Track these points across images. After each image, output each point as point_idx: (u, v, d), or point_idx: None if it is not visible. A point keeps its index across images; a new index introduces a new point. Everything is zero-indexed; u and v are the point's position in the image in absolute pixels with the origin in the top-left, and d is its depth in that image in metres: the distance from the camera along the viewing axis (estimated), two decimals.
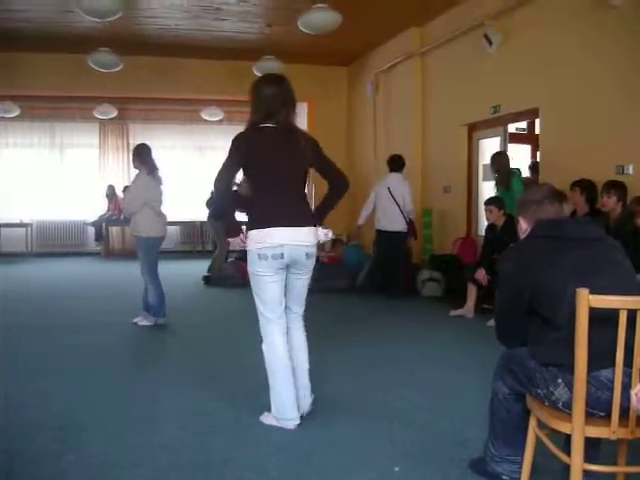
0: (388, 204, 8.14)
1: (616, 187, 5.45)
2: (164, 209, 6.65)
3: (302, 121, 13.76)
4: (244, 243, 3.59)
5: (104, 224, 13.86)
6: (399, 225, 8.22)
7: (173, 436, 3.47)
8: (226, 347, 5.71)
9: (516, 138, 9.03)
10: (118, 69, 9.91)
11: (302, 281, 3.72)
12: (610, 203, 5.42)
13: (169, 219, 6.60)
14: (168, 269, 10.85)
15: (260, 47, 10.41)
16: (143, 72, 11.20)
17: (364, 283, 8.81)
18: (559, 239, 2.51)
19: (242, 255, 10.33)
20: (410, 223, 8.35)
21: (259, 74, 10.34)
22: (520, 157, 8.91)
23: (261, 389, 3.77)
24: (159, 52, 10.97)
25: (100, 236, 14.00)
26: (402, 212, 8.16)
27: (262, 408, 3.72)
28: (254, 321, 3.73)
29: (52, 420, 3.70)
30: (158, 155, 13.34)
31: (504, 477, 2.81)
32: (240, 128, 3.96)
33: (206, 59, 11.44)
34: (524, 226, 2.72)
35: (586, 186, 5.78)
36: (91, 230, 14.09)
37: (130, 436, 3.47)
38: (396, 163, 8.34)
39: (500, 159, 7.25)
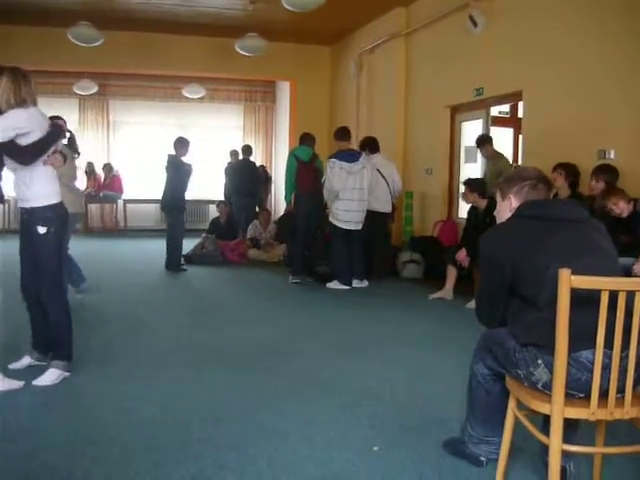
0: (378, 185, 8.00)
1: (605, 172, 5.40)
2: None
3: (285, 100, 13.70)
4: None
5: (83, 201, 13.70)
6: (387, 206, 8.15)
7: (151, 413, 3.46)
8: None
9: (499, 121, 9.05)
10: (99, 44, 9.78)
11: None
12: (598, 187, 5.37)
13: (148, 197, 6.47)
14: (148, 247, 10.85)
15: (243, 24, 10.31)
16: (124, 47, 11.05)
17: None
18: (544, 220, 2.49)
19: (222, 233, 10.32)
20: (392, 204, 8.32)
21: (242, 51, 10.27)
22: (503, 140, 8.93)
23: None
24: (141, 27, 10.82)
25: None
26: (391, 193, 8.10)
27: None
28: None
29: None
30: (138, 132, 13.26)
31: (482, 458, 2.82)
32: (222, 106, 3.94)
33: (189, 35, 11.30)
34: (514, 203, 2.69)
35: (569, 169, 5.79)
36: None
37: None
38: (376, 144, 8.22)
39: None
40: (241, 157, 11.57)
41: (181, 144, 8.69)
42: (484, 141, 7.73)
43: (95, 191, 13.51)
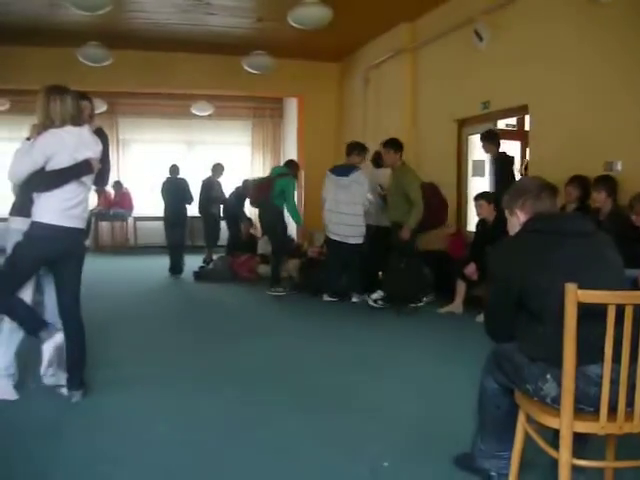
0: (376, 200, 8.04)
1: (605, 182, 5.49)
2: None
3: (293, 116, 13.76)
4: None
5: (93, 219, 13.77)
6: (386, 221, 8.16)
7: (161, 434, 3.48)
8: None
9: (505, 135, 9.05)
10: (107, 63, 9.86)
11: None
12: (600, 198, 5.45)
13: (156, 214, 6.41)
14: (157, 263, 10.87)
15: (250, 42, 10.36)
16: (133, 66, 11.14)
17: None
18: (552, 234, 2.49)
19: (230, 250, 10.38)
20: None
21: (249, 69, 10.34)
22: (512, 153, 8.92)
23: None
24: (149, 46, 10.89)
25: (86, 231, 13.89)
26: None
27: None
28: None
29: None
30: (148, 149, 13.27)
31: (492, 473, 2.82)
32: (230, 123, 3.96)
33: (196, 53, 11.37)
34: (522, 218, 2.69)
35: (584, 183, 5.82)
36: None
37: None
38: (381, 159, 8.25)
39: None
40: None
41: (174, 169, 10.22)
42: (388, 145, 7.58)
43: (105, 209, 13.58)
